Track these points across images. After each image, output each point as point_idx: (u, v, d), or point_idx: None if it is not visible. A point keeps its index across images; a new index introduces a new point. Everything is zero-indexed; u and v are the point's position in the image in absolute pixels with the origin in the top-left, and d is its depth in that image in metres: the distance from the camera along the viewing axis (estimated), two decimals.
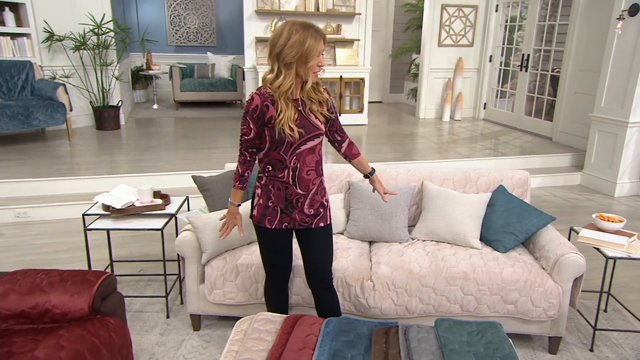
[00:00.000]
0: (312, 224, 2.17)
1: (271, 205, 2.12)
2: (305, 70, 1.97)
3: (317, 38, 1.95)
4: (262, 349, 1.93)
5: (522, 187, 3.01)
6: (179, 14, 9.41)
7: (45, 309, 1.96)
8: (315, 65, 1.98)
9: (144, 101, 9.09)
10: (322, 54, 2.00)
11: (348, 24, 7.13)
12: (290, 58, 1.93)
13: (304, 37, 1.93)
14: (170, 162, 5.18)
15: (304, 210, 2.14)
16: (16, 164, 4.94)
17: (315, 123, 2.07)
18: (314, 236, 2.20)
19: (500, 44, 7.68)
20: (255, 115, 2.00)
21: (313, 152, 2.10)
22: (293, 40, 1.91)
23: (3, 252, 3.72)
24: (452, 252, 2.67)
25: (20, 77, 6.01)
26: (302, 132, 2.01)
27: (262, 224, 2.15)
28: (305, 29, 1.95)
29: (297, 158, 2.06)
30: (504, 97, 7.86)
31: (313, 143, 2.08)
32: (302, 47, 1.92)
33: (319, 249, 2.22)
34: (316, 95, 2.08)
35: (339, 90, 7.07)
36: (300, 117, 2.03)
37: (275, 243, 2.20)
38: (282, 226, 2.15)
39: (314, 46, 1.93)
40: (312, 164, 2.10)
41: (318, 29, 1.98)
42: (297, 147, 2.04)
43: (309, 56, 1.93)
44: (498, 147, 6.20)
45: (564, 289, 2.49)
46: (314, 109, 2.07)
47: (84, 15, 6.24)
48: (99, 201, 2.89)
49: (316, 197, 2.16)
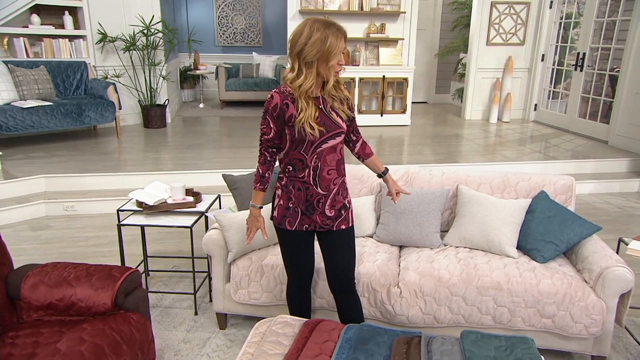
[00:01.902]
0: (334, 226, 2.11)
1: (292, 206, 2.08)
2: (326, 69, 1.93)
3: (339, 36, 1.91)
4: (278, 352, 1.90)
5: (566, 194, 2.82)
6: (226, 14, 9.58)
7: (71, 302, 2.01)
8: (336, 64, 1.94)
9: (191, 100, 9.33)
10: (343, 53, 1.96)
11: (392, 23, 7.00)
12: (311, 57, 1.89)
13: (325, 36, 1.89)
14: (210, 160, 5.27)
15: (325, 212, 2.09)
16: (67, 160, 5.17)
17: (337, 121, 2.03)
18: (335, 239, 2.15)
19: (554, 42, 7.31)
20: (275, 114, 1.98)
21: (334, 151, 2.05)
22: (314, 38, 1.87)
23: (50, 243, 3.89)
24: (486, 260, 2.54)
25: (75, 77, 6.29)
26: (323, 131, 1.97)
27: (282, 225, 2.12)
28: (327, 27, 1.90)
29: (317, 157, 2.01)
30: (556, 98, 7.48)
31: (334, 142, 2.03)
32: (323, 45, 1.88)
33: (340, 253, 2.17)
34: (337, 93, 2.05)
35: (382, 90, 6.96)
36: (321, 115, 1.99)
37: (296, 245, 2.16)
38: (303, 228, 2.11)
39: (335, 44, 1.89)
40: (333, 163, 2.05)
41: (339, 27, 1.93)
42: (318, 145, 2.00)
43: (330, 55, 1.90)
44: (548, 151, 5.90)
45: (609, 305, 2.31)
46: (336, 107, 2.04)
47: (134, 17, 6.47)
48: (133, 197, 2.96)
49: (337, 198, 2.11)
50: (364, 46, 7.04)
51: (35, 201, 4.40)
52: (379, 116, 7.11)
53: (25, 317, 2.05)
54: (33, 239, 3.97)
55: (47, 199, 4.45)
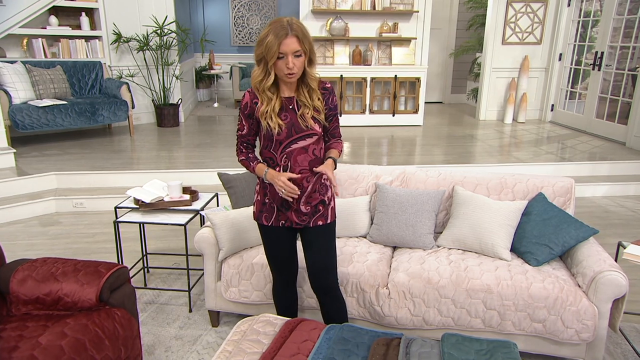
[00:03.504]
0: (310, 222, 2.09)
1: (268, 202, 2.10)
2: (274, 69, 1.89)
3: (279, 34, 1.81)
4: (256, 351, 1.90)
5: (565, 196, 2.76)
6: (242, 14, 9.65)
7: (57, 296, 2.06)
8: (283, 65, 1.86)
9: (207, 100, 9.43)
10: (292, 55, 1.85)
11: (405, 22, 6.94)
12: (256, 55, 1.90)
13: (266, 34, 1.85)
14: (218, 159, 5.31)
15: (300, 209, 2.07)
16: (79, 158, 5.28)
17: (309, 123, 1.98)
18: (312, 235, 2.13)
19: (572, 41, 7.14)
20: (246, 112, 2.02)
21: (305, 152, 2.01)
22: (260, 36, 1.87)
23: (57, 239, 3.99)
24: (477, 263, 2.49)
25: (90, 77, 6.43)
26: (283, 126, 1.95)
27: (260, 220, 2.14)
28: (271, 24, 1.86)
29: (287, 157, 2.01)
30: (574, 98, 7.30)
31: (305, 143, 2.01)
32: (262, 43, 1.85)
33: (317, 250, 2.14)
34: (310, 102, 1.98)
35: (393, 90, 6.91)
36: (290, 114, 1.98)
37: (275, 241, 2.16)
38: (279, 224, 2.11)
39: (273, 43, 1.81)
40: (305, 164, 2.02)
41: (284, 25, 1.83)
42: (286, 145, 1.99)
43: (268, 54, 1.84)
44: (562, 152, 5.77)
45: (601, 310, 2.25)
46: (305, 113, 1.98)
47: (148, 18, 6.57)
48: (131, 195, 3.01)
49: (314, 195, 2.07)
50: (376, 46, 7.00)
51: (46, 198, 4.51)
52: (390, 116, 7.07)
53: (15, 311, 2.10)
54: (42, 234, 4.07)
55: (57, 195, 4.56)
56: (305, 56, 1.91)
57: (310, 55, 1.93)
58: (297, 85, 2.00)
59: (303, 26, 1.89)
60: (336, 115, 2.11)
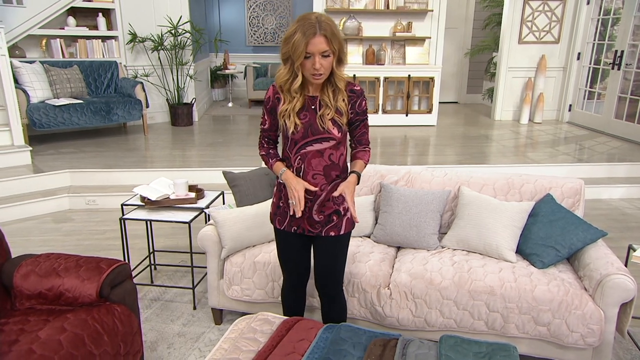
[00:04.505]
0: (322, 231, 2.03)
1: (282, 205, 2.06)
2: (300, 69, 1.81)
3: (307, 33, 1.72)
4: (251, 349, 1.90)
5: (574, 197, 2.69)
6: (257, 14, 9.69)
7: (59, 291, 2.09)
8: (310, 66, 1.78)
9: (221, 99, 9.49)
10: (319, 55, 1.75)
11: (420, 22, 6.88)
12: (283, 53, 1.82)
13: (293, 31, 1.75)
14: (229, 157, 5.34)
15: (313, 216, 2.01)
16: (93, 156, 5.36)
17: (326, 126, 1.90)
18: (322, 244, 2.08)
19: (591, 40, 6.99)
20: (268, 106, 1.98)
21: (321, 156, 1.94)
22: (287, 33, 1.79)
23: (69, 235, 4.05)
24: (481, 264, 2.45)
25: (106, 76, 6.52)
26: (305, 131, 1.90)
27: (273, 222, 2.11)
28: (299, 21, 1.77)
29: (301, 159, 1.95)
30: (592, 98, 7.15)
31: (320, 146, 1.92)
32: (289, 42, 1.76)
33: (325, 259, 2.10)
34: (333, 102, 1.88)
35: (407, 89, 6.86)
36: (310, 114, 1.91)
37: (286, 245, 2.13)
38: (292, 230, 2.06)
39: (300, 42, 1.73)
40: (319, 168, 1.95)
41: (313, 23, 1.72)
42: (301, 146, 1.93)
43: (295, 53, 1.76)
44: (578, 153, 5.65)
45: (608, 315, 2.19)
46: (325, 113, 1.89)
47: (163, 18, 6.64)
48: (137, 193, 3.04)
49: (327, 204, 2.00)
50: (389, 45, 6.96)
51: (60, 195, 4.59)
52: (404, 116, 7.01)
53: (19, 305, 2.13)
54: (55, 230, 4.14)
55: (71, 193, 4.64)
56: (334, 56, 1.81)
57: (340, 55, 1.83)
58: (322, 85, 1.90)
59: (333, 24, 1.78)
60: (364, 121, 1.99)
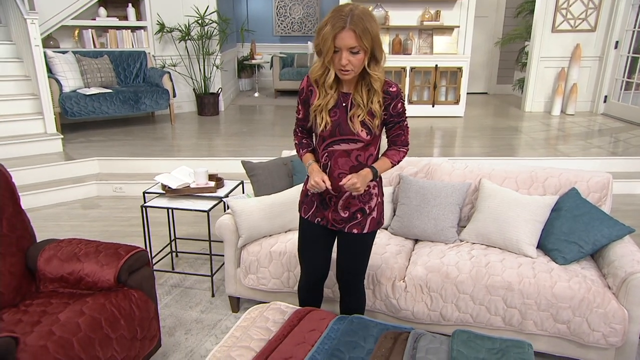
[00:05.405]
0: (345, 227, 2.00)
1: (310, 195, 2.06)
2: (330, 64, 1.74)
3: (335, 25, 1.65)
4: (262, 338, 1.91)
5: (601, 192, 2.60)
6: (285, 4, 9.68)
7: (79, 276, 2.15)
8: (337, 60, 1.71)
9: (248, 89, 9.54)
10: (347, 51, 1.68)
11: (448, 10, 6.73)
12: (315, 46, 1.77)
13: (324, 23, 1.69)
14: (253, 147, 5.38)
15: (338, 211, 1.99)
16: (121, 144, 5.49)
17: (355, 129, 1.83)
18: (345, 240, 2.06)
19: (631, 27, 6.69)
20: (302, 96, 1.97)
21: (347, 156, 1.89)
22: (319, 24, 1.74)
23: (96, 221, 4.17)
24: (500, 259, 2.40)
25: (135, 66, 6.64)
26: (333, 130, 1.86)
27: (300, 210, 2.11)
28: (333, 12, 1.69)
29: (328, 156, 1.92)
30: (630, 89, 6.86)
31: (347, 147, 1.88)
32: (319, 34, 1.72)
33: (347, 256, 2.08)
34: (366, 104, 1.81)
35: (434, 80, 6.74)
36: (340, 112, 1.85)
37: (308, 234, 2.11)
38: (315, 220, 2.05)
39: (328, 34, 1.66)
40: (345, 167, 1.91)
41: (343, 15, 1.64)
42: (329, 144, 1.90)
43: (324, 46, 1.70)
44: (612, 146, 5.45)
45: (632, 314, 2.11)
46: (356, 113, 1.82)
47: (190, 8, 6.70)
48: (159, 181, 3.09)
49: (353, 201, 1.96)
50: (417, 34, 6.84)
51: (88, 182, 4.72)
52: (430, 107, 6.90)
53: (42, 288, 2.21)
54: (82, 216, 4.27)
55: (99, 180, 4.76)
56: (366, 54, 1.72)
57: (374, 53, 1.74)
58: (356, 82, 1.83)
59: (368, 18, 1.67)
60: (400, 123, 1.91)
